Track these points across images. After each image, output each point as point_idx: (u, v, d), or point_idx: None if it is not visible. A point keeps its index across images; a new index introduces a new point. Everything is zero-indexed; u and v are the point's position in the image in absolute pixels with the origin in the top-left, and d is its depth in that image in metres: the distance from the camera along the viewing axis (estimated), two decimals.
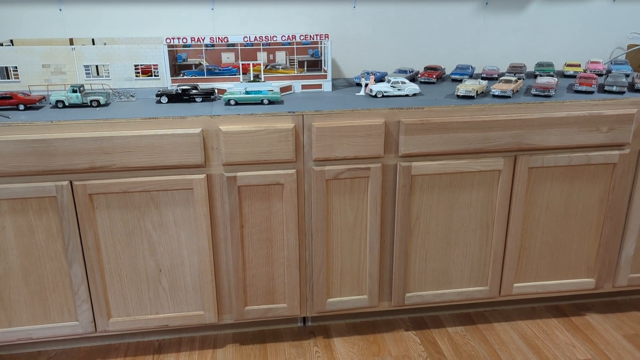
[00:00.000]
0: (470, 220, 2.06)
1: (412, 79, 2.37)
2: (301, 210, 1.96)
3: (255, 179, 1.88)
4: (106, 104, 1.95)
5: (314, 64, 2.36)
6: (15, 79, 2.10)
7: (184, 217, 1.90)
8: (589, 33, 2.66)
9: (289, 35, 2.11)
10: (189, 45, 2.27)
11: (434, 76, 2.32)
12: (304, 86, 2.16)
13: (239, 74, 2.15)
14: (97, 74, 2.14)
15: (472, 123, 1.91)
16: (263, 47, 2.29)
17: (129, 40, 2.31)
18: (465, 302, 2.21)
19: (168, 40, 2.05)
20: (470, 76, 2.39)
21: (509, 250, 2.12)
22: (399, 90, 2.06)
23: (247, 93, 1.94)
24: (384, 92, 2.05)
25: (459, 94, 2.03)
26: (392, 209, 2.01)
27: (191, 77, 2.14)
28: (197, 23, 2.38)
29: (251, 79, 2.14)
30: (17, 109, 1.89)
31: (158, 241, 1.92)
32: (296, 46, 2.32)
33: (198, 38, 2.08)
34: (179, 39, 2.06)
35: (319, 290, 2.07)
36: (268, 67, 2.26)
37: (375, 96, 2.06)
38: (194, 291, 2.01)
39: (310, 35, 2.12)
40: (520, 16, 2.58)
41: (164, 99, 1.98)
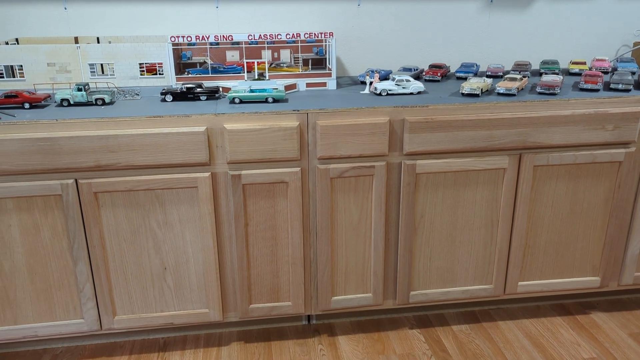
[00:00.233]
0: (475, 219, 2.06)
1: (417, 77, 2.37)
2: (306, 208, 1.97)
3: (260, 177, 1.88)
4: (111, 103, 1.96)
5: (319, 62, 2.36)
6: (20, 77, 2.10)
7: (189, 216, 1.90)
8: (595, 30, 2.64)
9: (293, 34, 2.10)
10: (193, 44, 2.27)
11: (439, 74, 2.32)
12: (308, 84, 2.16)
13: (244, 72, 2.15)
14: (102, 72, 2.15)
15: (477, 121, 1.91)
16: (267, 45, 2.29)
17: (134, 39, 2.31)
18: (470, 301, 2.20)
19: (173, 39, 2.05)
20: (475, 74, 2.38)
21: (514, 248, 2.12)
22: (403, 88, 2.05)
23: (252, 91, 1.94)
24: (389, 90, 2.05)
25: (463, 92, 2.02)
26: (397, 207, 2.01)
27: (196, 76, 2.14)
28: (202, 21, 2.38)
29: (256, 77, 2.14)
30: (23, 108, 1.89)
31: (163, 239, 1.93)
32: (301, 44, 2.32)
33: (203, 36, 2.08)
34: (183, 37, 2.06)
35: (323, 288, 2.07)
36: (272, 66, 2.26)
37: (379, 94, 2.06)
38: (199, 289, 2.01)
39: (314, 34, 2.11)
40: (525, 14, 2.57)
41: (169, 98, 1.98)
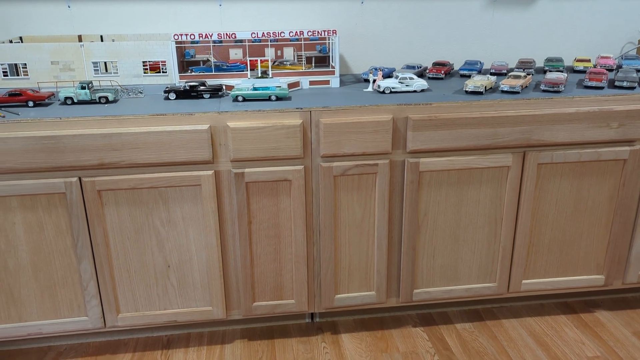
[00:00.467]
0: (478, 217, 2.06)
1: (420, 75, 2.36)
2: (309, 206, 1.96)
3: (263, 175, 1.88)
4: (115, 101, 1.96)
5: (322, 60, 2.36)
6: (24, 75, 2.11)
7: (192, 214, 1.91)
8: (599, 28, 2.63)
9: (296, 31, 2.10)
10: (197, 42, 2.27)
11: (442, 72, 2.31)
12: (311, 82, 2.16)
13: (247, 70, 2.15)
14: (106, 70, 2.15)
15: (481, 119, 1.91)
16: (271, 43, 2.29)
17: (137, 37, 2.32)
18: (474, 299, 2.20)
19: (176, 37, 2.05)
20: (479, 72, 2.38)
21: (518, 246, 2.11)
22: (407, 86, 2.05)
23: (255, 89, 1.94)
24: (392, 88, 2.05)
25: (467, 89, 2.01)
26: (400, 205, 2.01)
27: (199, 74, 2.14)
28: (205, 19, 2.38)
29: (259, 75, 2.14)
30: (27, 106, 1.90)
31: (166, 237, 1.93)
32: (304, 42, 2.32)
33: (206, 34, 2.08)
34: (187, 35, 2.06)
35: (326, 286, 2.07)
36: (276, 63, 2.26)
37: (383, 92, 2.05)
38: (202, 287, 2.01)
39: (318, 31, 2.11)
40: (529, 11, 2.56)
41: (172, 96, 1.98)
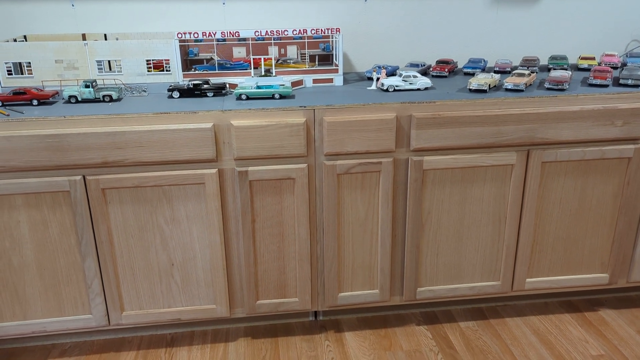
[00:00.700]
0: (482, 215, 2.05)
1: (424, 73, 2.36)
2: (312, 204, 1.97)
3: (267, 174, 1.88)
4: (118, 99, 1.96)
5: (325, 58, 2.36)
6: (28, 74, 2.11)
7: (196, 212, 1.91)
8: (604, 25, 2.62)
9: (300, 30, 2.10)
10: (200, 40, 2.27)
11: (446, 70, 2.31)
12: (315, 80, 2.16)
13: (250, 69, 2.15)
14: (110, 69, 2.15)
15: (485, 117, 1.90)
16: (274, 42, 2.29)
17: (141, 35, 2.32)
18: (477, 297, 2.20)
19: (179, 35, 2.05)
20: (483, 70, 2.37)
21: (522, 245, 2.11)
22: (410, 84, 2.05)
23: (259, 88, 1.94)
24: (396, 86, 2.04)
25: (471, 87, 2.01)
26: (404, 203, 2.01)
27: (203, 72, 2.14)
28: (209, 18, 2.38)
29: (262, 73, 2.14)
30: (31, 104, 1.90)
31: (170, 235, 1.93)
32: (307, 40, 2.32)
33: (209, 33, 2.08)
34: (190, 33, 2.06)
35: (330, 284, 2.07)
36: (279, 62, 2.26)
37: (386, 90, 2.05)
38: (206, 285, 2.02)
39: (321, 30, 2.11)
40: (533, 8, 2.55)
41: (176, 94, 1.99)
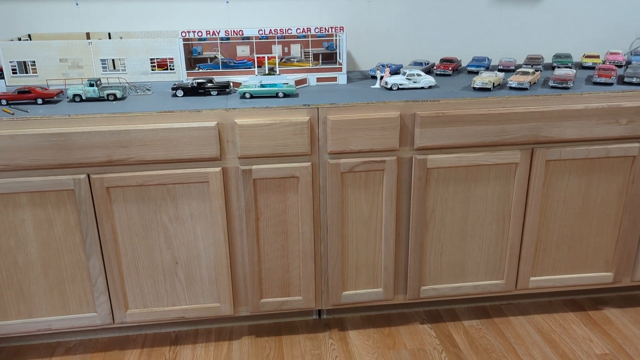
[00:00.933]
0: (486, 213, 2.05)
1: (428, 72, 2.35)
2: (316, 203, 1.97)
3: (271, 172, 1.88)
4: (123, 98, 1.97)
5: (329, 57, 2.36)
6: (33, 73, 2.12)
7: (200, 210, 1.91)
8: (608, 24, 2.61)
9: (303, 28, 2.10)
10: (204, 39, 2.27)
11: (450, 68, 2.31)
12: (319, 79, 2.16)
13: (254, 67, 2.15)
14: (114, 67, 2.16)
15: (489, 115, 1.90)
16: (278, 40, 2.29)
17: (145, 34, 2.32)
18: (481, 296, 2.20)
19: (183, 34, 2.06)
20: (487, 68, 2.37)
21: (526, 243, 2.10)
22: (414, 82, 2.05)
23: (262, 86, 1.95)
24: (400, 85, 2.04)
25: (475, 86, 2.01)
26: (408, 202, 2.01)
27: (206, 71, 2.14)
28: (212, 16, 2.39)
29: (266, 72, 2.14)
30: (36, 103, 1.91)
31: (174, 234, 1.94)
32: (311, 39, 2.32)
33: (213, 31, 2.09)
34: (194, 32, 2.06)
35: (334, 283, 2.07)
36: (283, 60, 2.26)
37: (390, 89, 2.05)
38: (210, 283, 2.02)
39: (325, 28, 2.11)
40: (537, 7, 2.54)
41: (180, 93, 1.99)
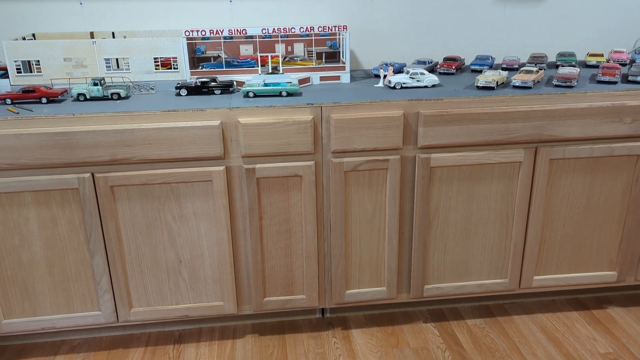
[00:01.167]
0: (489, 212, 2.05)
1: (431, 70, 2.35)
2: (320, 202, 1.97)
3: (274, 171, 1.89)
4: (126, 97, 1.97)
5: (332, 56, 2.36)
6: (37, 72, 2.12)
7: (204, 209, 1.92)
8: (612, 22, 2.61)
9: (307, 27, 2.10)
10: (207, 38, 2.27)
11: (453, 67, 2.30)
12: (322, 78, 2.16)
13: (258, 66, 2.15)
14: (118, 67, 2.16)
15: (492, 114, 1.90)
16: (281, 39, 2.29)
17: (148, 33, 2.33)
18: (485, 295, 2.20)
19: (187, 33, 2.06)
20: (490, 67, 2.36)
21: (529, 242, 2.10)
22: (417, 81, 2.04)
23: (266, 85, 1.95)
24: (403, 84, 2.04)
25: (478, 84, 2.01)
26: (411, 200, 2.01)
27: (210, 70, 2.15)
28: (216, 15, 2.39)
29: (269, 71, 2.14)
30: (40, 102, 1.92)
31: (178, 232, 1.94)
32: (314, 38, 2.32)
33: (217, 30, 2.09)
34: (197, 31, 2.07)
35: (337, 281, 2.07)
36: (286, 59, 2.26)
37: (393, 87, 2.05)
38: (214, 282, 2.03)
39: (328, 27, 2.11)
40: (541, 5, 2.53)
41: (183, 92, 1.99)
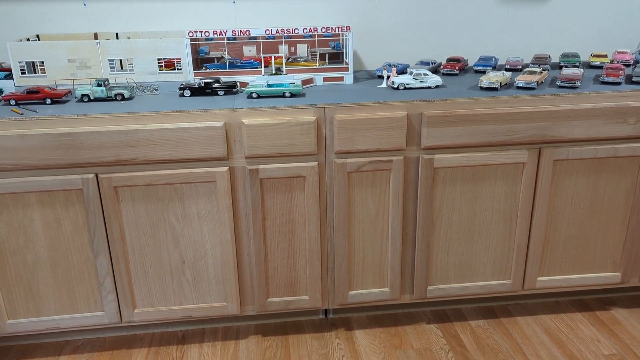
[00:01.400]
0: (493, 213, 2.05)
1: (435, 71, 2.35)
2: (323, 202, 1.97)
3: (277, 172, 1.89)
4: (130, 98, 1.98)
5: (336, 57, 2.36)
6: (42, 73, 2.13)
7: (207, 210, 1.92)
8: (616, 22, 2.60)
9: (310, 28, 2.10)
10: (211, 39, 2.28)
11: (457, 68, 2.30)
12: (325, 79, 2.16)
13: (261, 67, 2.16)
14: (121, 67, 2.17)
15: (496, 115, 1.89)
16: (285, 40, 2.29)
17: (152, 34, 2.33)
18: (488, 296, 2.19)
19: (190, 34, 2.06)
20: (494, 67, 2.36)
21: (533, 243, 2.10)
22: (421, 82, 2.04)
23: (269, 86, 1.95)
24: (406, 84, 2.04)
25: (482, 85, 2.00)
26: (414, 201, 2.01)
27: (213, 71, 2.15)
28: (219, 16, 2.39)
29: (273, 71, 2.14)
30: (44, 103, 1.92)
31: (181, 233, 1.94)
32: (318, 39, 2.32)
33: (220, 31, 2.09)
34: (201, 32, 2.07)
35: (340, 282, 2.07)
36: (290, 60, 2.26)
37: (397, 88, 2.05)
38: (217, 283, 2.03)
39: (331, 28, 2.11)
40: (545, 5, 2.53)
41: (187, 93, 2.00)
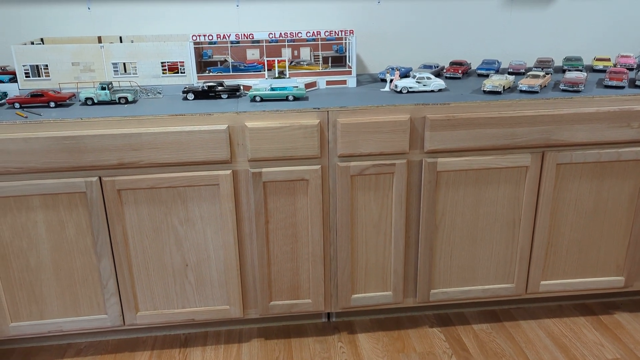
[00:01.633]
0: (496, 217, 2.04)
1: (438, 75, 2.35)
2: (326, 206, 1.97)
3: (281, 175, 1.89)
4: (134, 101, 1.98)
5: (339, 60, 2.36)
6: (46, 76, 2.14)
7: (210, 213, 1.92)
8: (619, 26, 2.60)
9: (313, 32, 2.11)
10: (214, 42, 2.28)
11: (460, 71, 2.30)
12: (328, 82, 2.16)
13: (264, 71, 2.16)
14: (125, 71, 2.17)
15: (499, 119, 1.89)
16: (288, 44, 2.30)
17: (156, 38, 2.34)
18: (491, 299, 2.19)
19: (194, 37, 2.07)
20: (497, 71, 2.36)
21: (536, 247, 2.09)
22: (424, 85, 2.04)
23: (273, 89, 1.95)
24: (409, 88, 2.04)
25: (485, 89, 2.00)
26: (417, 205, 2.01)
27: (217, 74, 2.15)
28: (223, 20, 2.40)
29: (276, 75, 2.15)
30: (48, 107, 1.93)
31: (184, 236, 1.95)
32: (321, 42, 2.32)
33: (223, 35, 2.10)
34: (204, 35, 2.08)
35: (343, 286, 2.07)
36: (293, 64, 2.27)
37: (400, 92, 2.05)
38: (220, 286, 2.03)
39: (334, 31, 2.11)
40: (548, 9, 2.53)
41: (190, 96, 2.00)
